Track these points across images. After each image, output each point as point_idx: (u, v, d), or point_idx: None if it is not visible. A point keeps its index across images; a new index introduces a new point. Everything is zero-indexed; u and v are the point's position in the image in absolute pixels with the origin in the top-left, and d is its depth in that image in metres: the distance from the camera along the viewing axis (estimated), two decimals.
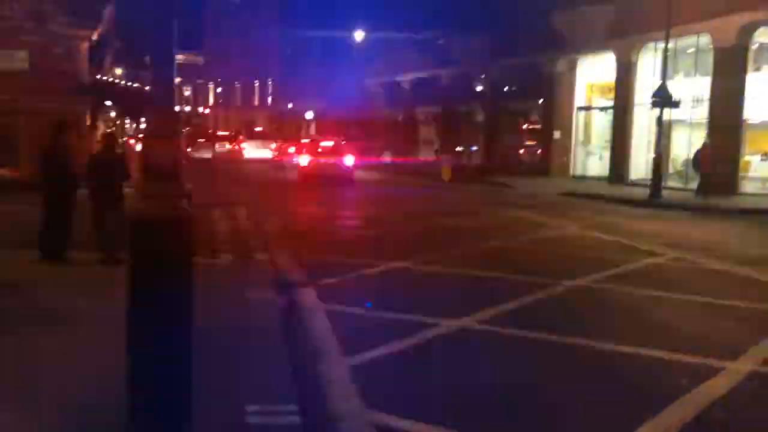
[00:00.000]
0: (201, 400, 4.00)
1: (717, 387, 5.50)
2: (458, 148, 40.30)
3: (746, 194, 24.03)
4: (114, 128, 35.43)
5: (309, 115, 72.27)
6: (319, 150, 32.73)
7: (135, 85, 27.63)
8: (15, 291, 7.67)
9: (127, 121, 57.20)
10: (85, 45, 21.10)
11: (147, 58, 4.26)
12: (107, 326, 5.52)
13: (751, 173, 25.62)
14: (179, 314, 3.72)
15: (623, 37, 28.58)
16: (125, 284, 3.77)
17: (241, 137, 59.27)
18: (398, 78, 46.67)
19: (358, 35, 46.38)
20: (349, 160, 30.18)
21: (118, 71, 38.78)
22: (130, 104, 26.90)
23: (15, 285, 7.86)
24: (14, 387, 4.93)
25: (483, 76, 37.56)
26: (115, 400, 3.95)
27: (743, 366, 6.01)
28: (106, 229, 9.51)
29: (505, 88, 38.81)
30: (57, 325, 6.42)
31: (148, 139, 3.82)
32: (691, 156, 26.39)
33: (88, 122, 20.95)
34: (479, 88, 40.80)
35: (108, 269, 8.89)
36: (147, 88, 6.45)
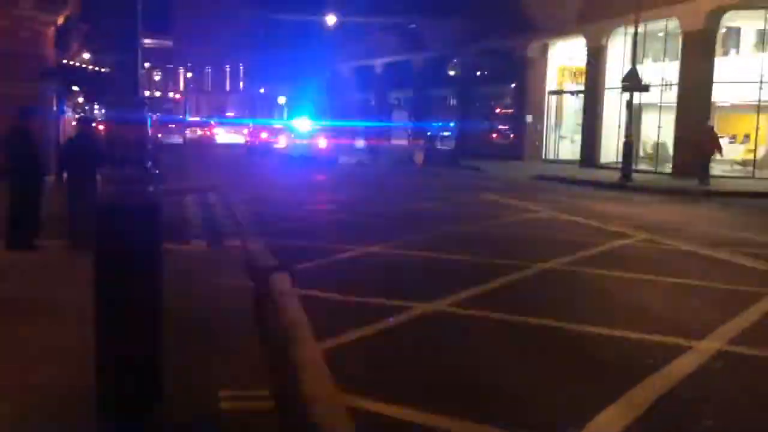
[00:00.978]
0: (172, 386, 3.98)
1: (685, 366, 5.58)
2: (430, 133, 40.32)
3: (715, 176, 24.37)
4: (83, 113, 34.90)
5: (281, 99, 71.83)
6: (294, 134, 32.80)
7: (102, 69, 27.20)
8: None
9: (96, 105, 56.33)
10: (52, 29, 20.69)
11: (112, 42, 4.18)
12: (79, 313, 5.46)
13: (720, 156, 26.00)
14: (147, 300, 3.68)
15: (593, 22, 28.75)
16: (93, 270, 3.72)
17: (212, 122, 58.71)
18: (370, 62, 46.52)
19: (330, 19, 46.06)
20: (323, 143, 30.32)
21: (86, 56, 38.10)
22: (97, 89, 26.45)
23: None
24: None
25: (455, 61, 37.59)
26: (89, 386, 3.91)
27: (711, 345, 6.11)
28: (78, 214, 9.35)
29: (478, 73, 38.87)
30: (27, 315, 6.33)
31: (112, 124, 3.75)
32: (661, 140, 26.76)
33: (55, 107, 20.57)
34: (452, 73, 40.82)
35: (77, 255, 8.77)
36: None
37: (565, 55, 33.17)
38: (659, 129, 26.75)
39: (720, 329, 6.58)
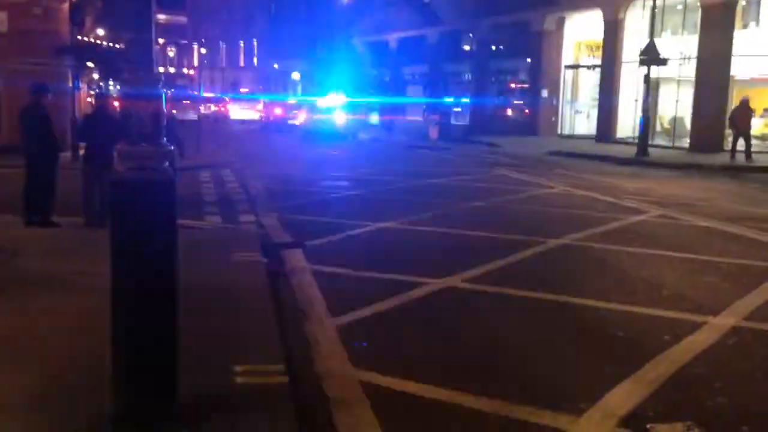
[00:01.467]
0: (188, 362, 4.02)
1: (699, 342, 5.57)
2: (445, 108, 40.08)
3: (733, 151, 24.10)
4: (98, 90, 34.95)
5: (295, 75, 71.57)
6: (313, 110, 33.16)
7: (117, 45, 27.20)
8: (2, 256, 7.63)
9: (111, 82, 56.38)
10: (66, 5, 20.71)
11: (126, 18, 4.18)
12: (93, 290, 5.52)
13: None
14: (163, 276, 3.71)
15: None
16: (109, 247, 3.75)
17: (226, 98, 58.65)
18: (385, 37, 46.19)
19: None
20: (340, 119, 30.56)
21: (101, 32, 38.13)
22: (112, 65, 26.51)
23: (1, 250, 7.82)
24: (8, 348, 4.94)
25: (470, 35, 37.22)
26: (105, 362, 3.97)
27: (725, 321, 6.09)
28: (96, 191, 9.38)
29: (493, 47, 38.50)
30: (44, 289, 6.41)
31: (127, 100, 3.76)
32: (678, 114, 26.46)
33: (70, 83, 20.65)
34: (467, 48, 40.45)
35: (95, 232, 8.84)
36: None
37: (582, 29, 32.75)
38: (677, 103, 26.43)
39: (735, 305, 6.55)
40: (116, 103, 12.39)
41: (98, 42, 31.80)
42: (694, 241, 9.64)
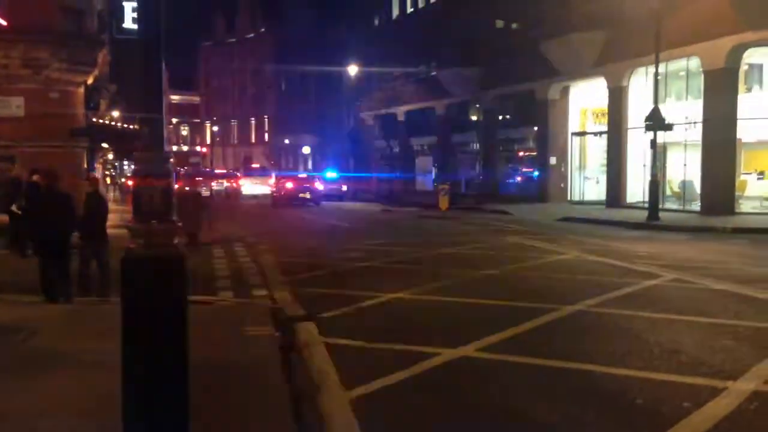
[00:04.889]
0: None
1: (720, 408, 5.46)
2: (454, 178, 40.43)
3: (744, 213, 24.09)
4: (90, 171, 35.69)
5: (306, 149, 72.67)
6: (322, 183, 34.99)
7: (131, 127, 27.84)
8: (19, 333, 7.65)
9: (125, 162, 57.34)
10: (81, 90, 21.29)
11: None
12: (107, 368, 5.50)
13: (748, 192, 25.74)
14: (174, 353, 3.71)
15: (613, 63, 28.87)
16: (121, 323, 3.77)
17: (238, 174, 59.45)
18: (393, 110, 47.02)
19: (352, 70, 46.79)
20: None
21: (115, 114, 39.10)
22: (126, 146, 27.08)
23: (21, 330, 7.85)
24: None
25: (477, 106, 37.83)
26: None
27: (746, 386, 5.98)
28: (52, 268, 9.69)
29: (500, 117, 39.07)
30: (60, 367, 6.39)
31: (138, 178, 3.85)
32: (687, 178, 26.54)
33: (85, 165, 21.04)
34: (474, 118, 41.08)
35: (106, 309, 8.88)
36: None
37: (587, 97, 33.25)
38: (685, 167, 26.56)
39: (754, 369, 6.44)
40: (130, 183, 12.93)
41: (112, 123, 32.55)
42: (709, 304, 9.54)
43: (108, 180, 57.98)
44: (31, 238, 10.43)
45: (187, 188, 18.01)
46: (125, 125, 31.04)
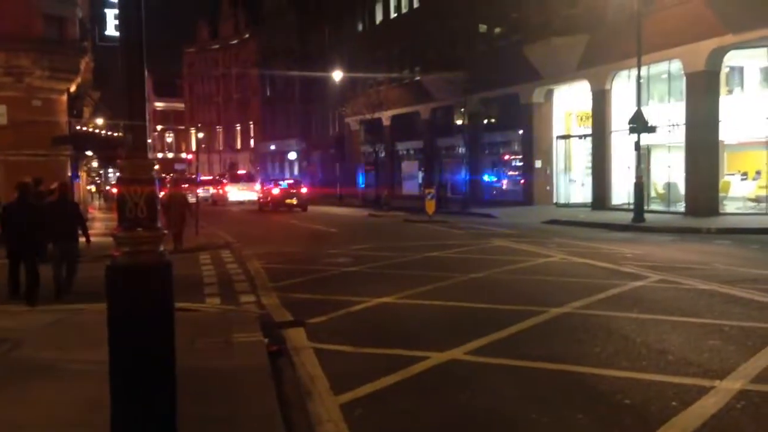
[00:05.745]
0: None
1: (707, 407, 5.49)
2: (439, 181, 40.49)
3: (728, 214, 24.29)
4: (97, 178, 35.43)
5: (292, 155, 72.53)
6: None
7: (115, 134, 27.69)
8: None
9: (110, 170, 57.04)
10: (64, 97, 21.17)
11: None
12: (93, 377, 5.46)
13: (732, 193, 25.95)
14: (161, 360, 3.69)
15: (596, 66, 29.06)
16: (107, 333, 3.74)
17: (224, 181, 59.22)
18: (378, 114, 47.05)
19: (337, 75, 46.79)
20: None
21: (99, 121, 38.88)
22: (110, 153, 26.93)
23: (5, 340, 7.78)
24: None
25: (462, 110, 37.91)
26: None
27: (732, 385, 6.02)
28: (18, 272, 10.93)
29: (485, 121, 39.18)
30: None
31: (122, 186, 3.82)
32: (671, 179, 26.73)
33: (69, 172, 20.89)
34: (459, 122, 41.18)
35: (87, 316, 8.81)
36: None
37: (571, 100, 33.44)
38: (669, 168, 26.76)
39: (741, 368, 6.49)
40: (114, 190, 13.01)
41: (96, 130, 32.37)
42: (695, 304, 9.61)
43: (93, 188, 57.63)
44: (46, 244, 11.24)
45: (173, 192, 18.54)
46: (109, 132, 30.86)
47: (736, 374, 6.31)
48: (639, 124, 22.83)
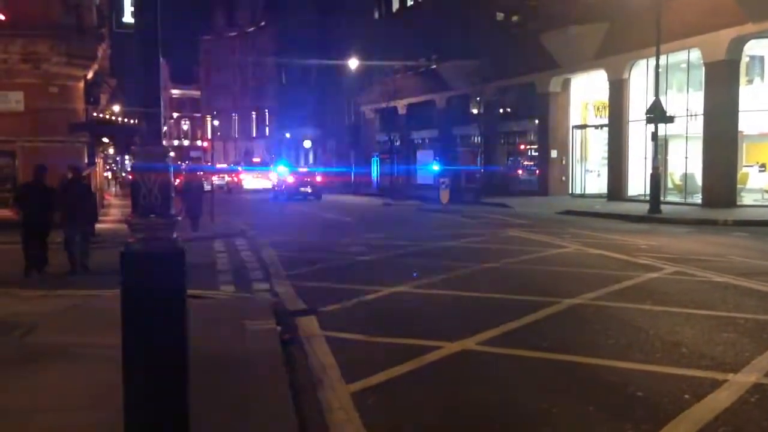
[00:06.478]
0: (202, 431, 3.98)
1: (720, 400, 5.46)
2: (455, 171, 40.37)
3: (746, 206, 24.06)
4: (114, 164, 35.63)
5: (307, 143, 72.56)
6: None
7: (131, 121, 27.82)
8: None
9: (126, 157, 57.34)
10: (81, 84, 21.24)
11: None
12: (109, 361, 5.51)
13: (750, 185, 25.70)
14: (174, 346, 3.71)
15: (614, 55, 28.80)
16: (120, 319, 3.77)
17: (239, 168, 59.41)
18: (393, 103, 46.94)
19: (353, 63, 46.69)
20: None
21: (116, 108, 39.06)
22: (127, 140, 27.07)
23: (19, 325, 7.85)
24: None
25: (478, 99, 37.73)
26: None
27: (746, 378, 5.97)
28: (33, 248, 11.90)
29: (501, 110, 38.99)
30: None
31: (136, 173, 3.84)
32: (689, 170, 26.49)
33: (86, 159, 21.02)
34: (475, 111, 41.00)
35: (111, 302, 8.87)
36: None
37: (588, 89, 33.18)
38: (686, 159, 26.51)
39: (755, 361, 6.44)
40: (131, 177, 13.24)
41: (113, 118, 32.53)
42: (709, 297, 9.53)
43: (110, 175, 57.97)
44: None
45: (189, 179, 20.25)
46: (126, 120, 31.01)
47: (750, 367, 6.26)
48: (657, 114, 22.62)
